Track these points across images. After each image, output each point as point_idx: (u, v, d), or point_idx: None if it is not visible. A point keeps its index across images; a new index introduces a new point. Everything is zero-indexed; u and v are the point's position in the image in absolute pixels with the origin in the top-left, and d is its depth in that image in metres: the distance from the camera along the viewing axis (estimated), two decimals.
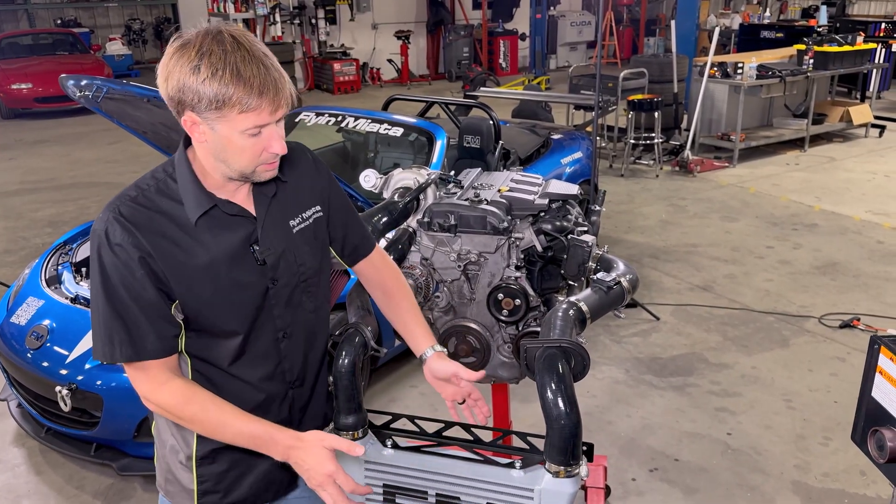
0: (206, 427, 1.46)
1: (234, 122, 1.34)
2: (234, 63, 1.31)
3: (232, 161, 1.40)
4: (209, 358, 1.51)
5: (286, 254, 1.53)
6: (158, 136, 3.82)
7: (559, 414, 1.46)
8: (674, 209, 6.82)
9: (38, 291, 3.55)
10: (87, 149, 9.60)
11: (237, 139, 1.36)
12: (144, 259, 1.38)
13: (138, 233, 1.38)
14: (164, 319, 1.42)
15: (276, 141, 1.40)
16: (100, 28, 17.29)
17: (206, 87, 1.30)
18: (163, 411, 1.47)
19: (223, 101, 1.31)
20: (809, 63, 8.37)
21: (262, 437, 1.44)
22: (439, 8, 15.41)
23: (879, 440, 1.56)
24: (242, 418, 1.44)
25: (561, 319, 1.69)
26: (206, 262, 1.43)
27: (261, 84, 1.32)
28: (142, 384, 1.45)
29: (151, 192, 1.44)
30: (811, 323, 4.60)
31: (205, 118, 1.34)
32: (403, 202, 2.17)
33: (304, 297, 1.59)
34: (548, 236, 2.17)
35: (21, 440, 3.57)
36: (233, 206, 1.47)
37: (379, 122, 4.67)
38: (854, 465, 3.26)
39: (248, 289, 1.48)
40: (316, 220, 1.60)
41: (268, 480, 1.63)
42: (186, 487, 1.60)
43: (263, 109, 1.34)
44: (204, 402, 1.44)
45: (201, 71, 1.30)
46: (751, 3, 16.61)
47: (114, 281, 1.38)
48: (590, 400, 3.80)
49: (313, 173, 1.62)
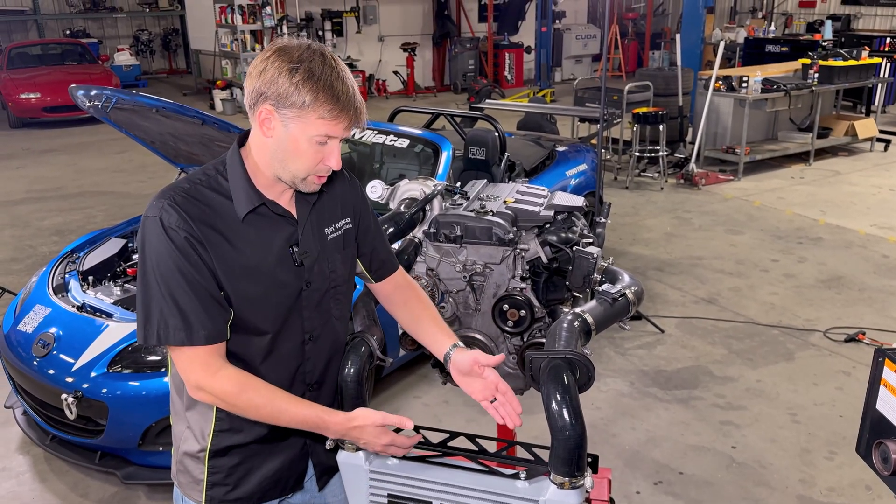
0: (261, 413, 1.50)
1: (308, 126, 1.43)
2: (329, 76, 1.42)
3: (289, 163, 1.47)
4: (241, 355, 1.55)
5: (321, 258, 1.60)
6: (166, 146, 3.86)
7: (564, 425, 1.46)
8: (679, 222, 6.83)
9: (45, 299, 3.56)
10: (94, 158, 9.66)
11: (303, 143, 1.45)
12: (195, 246, 1.43)
13: (191, 221, 1.44)
14: (217, 303, 1.46)
15: (334, 157, 1.49)
16: (108, 39, 17.42)
17: (298, 87, 1.40)
18: (216, 399, 1.49)
19: (309, 103, 1.41)
20: (814, 77, 8.38)
21: (315, 422, 1.52)
22: (445, 21, 15.48)
23: (884, 452, 1.55)
24: (297, 404, 1.51)
25: (566, 331, 1.70)
26: (250, 257, 1.50)
27: (347, 101, 1.44)
28: (195, 373, 1.47)
29: (203, 187, 1.50)
30: (816, 336, 4.59)
31: (282, 115, 1.43)
32: (409, 213, 2.18)
33: (332, 303, 1.65)
34: (553, 248, 2.17)
35: (26, 448, 3.58)
36: (279, 207, 1.54)
37: (385, 134, 4.69)
38: (860, 480, 3.25)
39: (284, 288, 1.55)
40: (346, 231, 1.67)
41: (276, 479, 1.67)
42: (196, 478, 1.63)
43: (340, 123, 1.45)
44: (259, 389, 1.49)
45: (298, 73, 1.40)
46: (756, 18, 16.66)
47: (167, 265, 1.42)
48: (595, 412, 3.79)
49: (348, 187, 1.71)
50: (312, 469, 1.73)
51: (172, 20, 18.18)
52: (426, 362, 3.55)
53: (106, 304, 3.47)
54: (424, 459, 1.64)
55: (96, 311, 3.43)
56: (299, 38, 1.47)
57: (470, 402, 3.82)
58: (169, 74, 18.07)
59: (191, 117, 3.36)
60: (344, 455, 1.65)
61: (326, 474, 1.77)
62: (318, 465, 1.73)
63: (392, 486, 1.64)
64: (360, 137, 4.75)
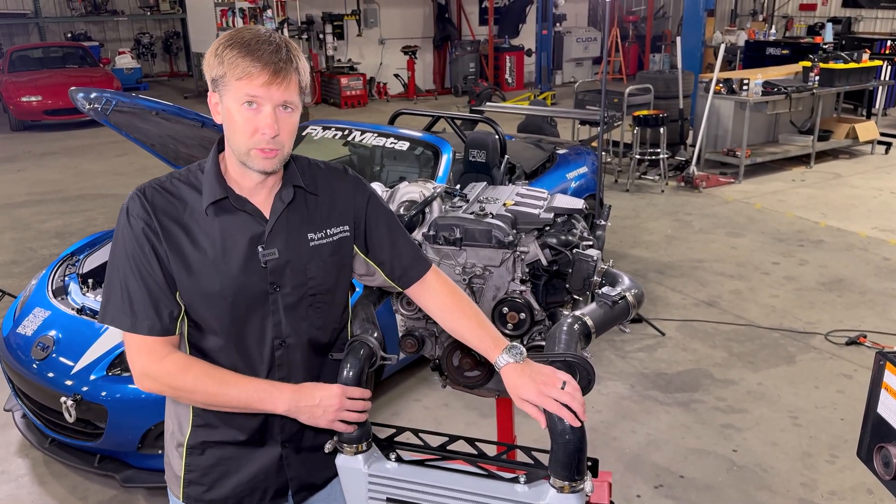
0: (207, 393, 1.48)
1: (232, 91, 1.41)
2: (247, 37, 1.41)
3: (232, 140, 1.46)
4: (206, 351, 1.54)
5: (294, 263, 1.54)
6: (166, 148, 3.86)
7: (564, 428, 1.45)
8: (679, 224, 6.82)
9: (45, 302, 3.56)
10: (94, 161, 9.67)
11: (235, 112, 1.42)
12: (150, 238, 1.45)
13: (153, 213, 1.46)
14: (165, 297, 1.46)
15: (266, 123, 1.41)
16: (109, 42, 17.45)
17: (220, 57, 1.41)
18: (161, 385, 1.49)
19: (227, 64, 1.39)
20: (815, 80, 8.39)
21: (264, 392, 1.49)
22: (446, 24, 15.50)
23: (885, 457, 1.55)
24: (241, 379, 1.50)
25: (566, 334, 1.69)
26: (208, 252, 1.48)
27: (262, 55, 1.39)
28: (140, 359, 1.48)
29: (178, 180, 1.52)
30: (817, 339, 4.58)
31: (218, 91, 1.44)
32: (409, 215, 2.18)
33: (310, 312, 1.59)
34: (553, 250, 2.17)
35: (25, 451, 3.57)
36: (245, 203, 1.51)
37: (385, 136, 4.69)
38: (861, 484, 3.24)
39: (245, 288, 1.50)
40: (341, 239, 1.61)
41: (252, 486, 1.64)
42: (176, 474, 1.63)
43: (256, 77, 1.39)
44: (203, 368, 1.49)
45: (221, 46, 1.42)
46: (756, 20, 16.68)
47: (124, 251, 1.46)
48: (595, 415, 3.79)
49: (349, 195, 1.64)
50: (289, 483, 1.68)
51: (174, 23, 18.22)
52: (426, 365, 3.54)
53: None
54: (424, 463, 1.63)
55: (96, 313, 3.42)
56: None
57: (470, 405, 3.84)
58: (170, 77, 18.10)
59: (191, 120, 3.36)
60: (342, 459, 1.64)
61: (305, 490, 1.70)
62: (295, 480, 1.67)
63: (391, 489, 1.63)
64: (361, 140, 4.75)
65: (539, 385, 1.45)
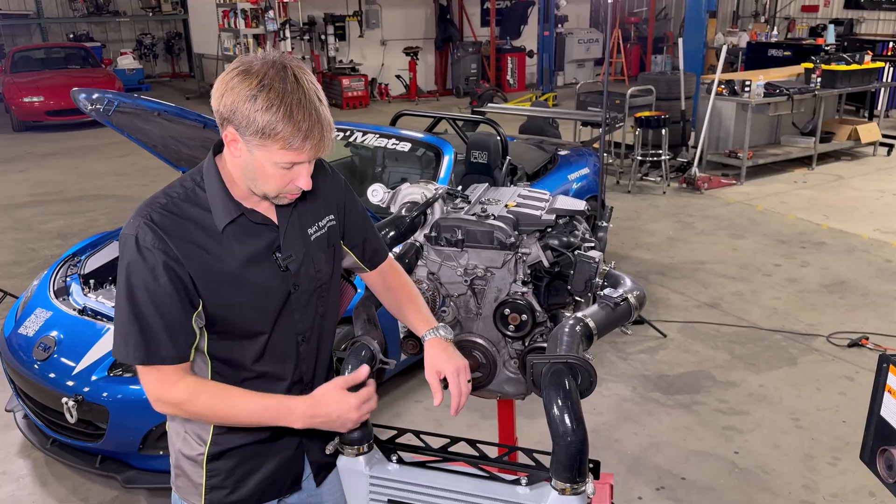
0: (220, 414, 1.50)
1: (272, 154, 1.40)
2: (290, 103, 1.36)
3: (259, 183, 1.46)
4: (235, 359, 1.56)
5: (306, 260, 1.59)
6: (168, 149, 3.85)
7: (565, 430, 1.45)
8: (681, 226, 6.82)
9: (47, 303, 3.56)
10: (96, 162, 9.67)
11: (269, 168, 1.43)
12: (170, 265, 1.43)
13: (168, 238, 1.44)
14: (181, 328, 1.46)
15: (304, 177, 1.47)
16: (111, 42, 17.45)
17: (259, 117, 1.36)
18: (175, 409, 1.51)
19: (269, 134, 1.37)
20: (817, 81, 8.38)
21: (278, 408, 1.51)
22: (448, 25, 15.50)
23: (888, 460, 1.54)
24: (254, 397, 1.51)
25: (567, 335, 1.69)
26: (233, 267, 1.50)
27: (308, 129, 1.38)
28: (153, 385, 1.49)
29: (180, 200, 1.50)
30: (819, 341, 4.57)
31: (246, 140, 1.40)
32: (411, 217, 2.17)
33: (318, 301, 1.65)
34: (555, 252, 2.16)
35: (27, 451, 3.57)
36: (258, 216, 1.54)
37: (387, 137, 4.69)
38: (863, 486, 3.23)
39: (272, 294, 1.55)
40: (330, 228, 1.67)
41: (273, 479, 1.67)
42: (195, 482, 1.64)
43: (304, 152, 1.41)
44: (214, 391, 1.51)
45: (258, 101, 1.35)
46: (758, 22, 16.66)
47: (137, 284, 1.43)
48: (596, 417, 3.78)
49: (329, 183, 1.68)
50: (309, 467, 1.73)
51: (176, 24, 18.23)
52: None
53: (107, 308, 3.46)
54: (425, 465, 1.63)
55: (97, 314, 3.43)
56: (265, 53, 1.43)
57: (472, 406, 3.83)
58: (172, 78, 18.11)
59: (192, 121, 3.36)
60: (344, 461, 1.64)
61: (324, 470, 1.76)
62: (315, 463, 1.73)
63: (392, 491, 1.63)
64: (363, 141, 4.75)
65: (458, 364, 1.68)
